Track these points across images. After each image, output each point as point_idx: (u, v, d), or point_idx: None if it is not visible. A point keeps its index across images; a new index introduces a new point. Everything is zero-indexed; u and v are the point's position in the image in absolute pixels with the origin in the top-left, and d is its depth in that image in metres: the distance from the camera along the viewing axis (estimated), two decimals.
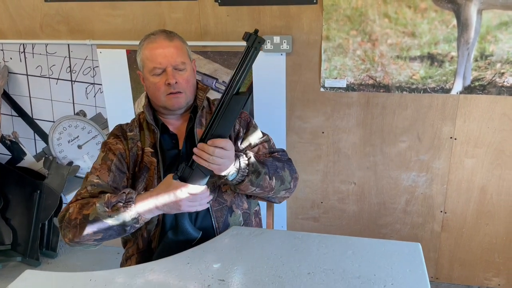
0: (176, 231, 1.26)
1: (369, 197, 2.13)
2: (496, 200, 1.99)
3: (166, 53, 1.27)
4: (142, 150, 1.33)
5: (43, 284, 1.09)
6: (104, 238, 1.19)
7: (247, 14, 1.94)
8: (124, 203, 1.15)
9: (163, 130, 1.34)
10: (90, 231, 1.16)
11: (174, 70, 1.28)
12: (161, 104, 1.32)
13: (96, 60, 2.19)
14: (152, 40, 1.30)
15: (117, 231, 1.18)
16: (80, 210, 1.19)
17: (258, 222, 1.48)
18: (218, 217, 1.33)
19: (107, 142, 1.35)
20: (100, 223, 1.15)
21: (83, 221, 1.17)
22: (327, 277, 1.04)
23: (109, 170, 1.28)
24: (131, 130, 1.36)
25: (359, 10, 1.81)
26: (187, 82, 1.30)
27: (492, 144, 1.91)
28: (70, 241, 1.20)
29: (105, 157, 1.31)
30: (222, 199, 1.34)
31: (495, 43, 1.75)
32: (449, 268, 2.17)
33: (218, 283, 1.04)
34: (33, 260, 2.43)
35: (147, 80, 1.31)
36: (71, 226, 1.18)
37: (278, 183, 1.28)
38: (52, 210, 2.44)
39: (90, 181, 1.26)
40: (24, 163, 2.54)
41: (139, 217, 1.16)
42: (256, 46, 1.08)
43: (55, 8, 2.14)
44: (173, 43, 1.29)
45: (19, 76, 2.35)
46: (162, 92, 1.28)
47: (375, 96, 1.95)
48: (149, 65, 1.28)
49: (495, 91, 1.82)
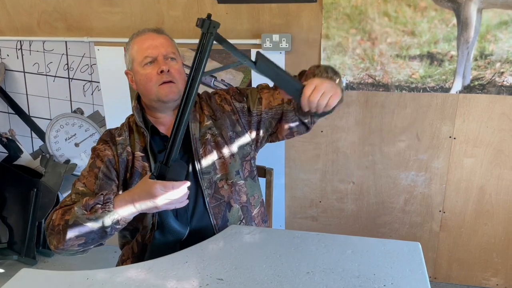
0: (163, 230, 1.23)
1: (367, 196, 2.13)
2: (495, 200, 1.99)
3: (156, 43, 1.25)
4: (133, 155, 1.29)
5: (39, 283, 1.07)
6: (87, 243, 1.16)
7: (246, 12, 1.93)
8: (102, 205, 1.13)
9: (152, 132, 1.31)
10: (72, 235, 1.14)
11: (165, 59, 1.25)
12: (154, 96, 1.27)
13: (93, 57, 2.18)
14: (140, 34, 1.29)
15: (98, 234, 1.15)
16: (62, 216, 1.17)
17: (263, 212, 1.44)
18: (216, 214, 1.31)
19: (96, 148, 1.32)
20: (80, 227, 1.13)
21: (64, 226, 1.15)
22: (326, 277, 1.03)
23: (96, 178, 1.26)
24: (120, 135, 1.33)
25: (358, 8, 1.81)
26: (179, 72, 1.28)
27: (491, 144, 1.90)
28: (55, 248, 1.18)
29: (93, 164, 1.28)
30: (219, 195, 1.31)
31: (495, 42, 1.74)
32: (447, 268, 2.17)
33: (217, 282, 1.03)
34: (29, 259, 2.42)
35: (138, 73, 1.28)
36: (55, 232, 1.17)
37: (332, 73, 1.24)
38: (49, 209, 2.42)
39: (75, 189, 1.25)
40: (20, 161, 2.53)
41: (119, 218, 1.13)
42: (212, 31, 1.06)
43: (53, 5, 2.13)
44: (162, 36, 1.29)
45: (16, 73, 2.33)
46: (154, 82, 1.25)
47: (374, 95, 1.94)
48: (139, 57, 1.26)
49: (494, 91, 1.81)
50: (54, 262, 2.49)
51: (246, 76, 2.02)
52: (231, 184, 1.33)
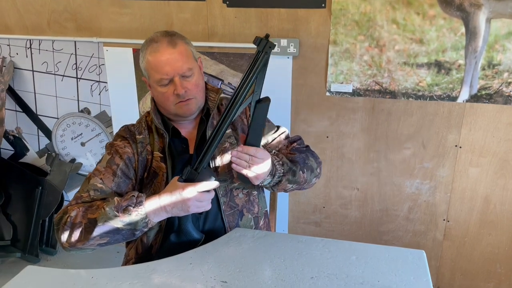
0: (180, 234, 1.24)
1: (371, 203, 2.12)
2: (500, 210, 1.98)
3: (171, 61, 1.21)
4: (152, 154, 1.28)
5: (44, 281, 1.08)
6: (108, 243, 1.16)
7: (255, 16, 1.94)
8: (134, 206, 1.12)
9: (173, 134, 1.30)
10: (97, 235, 1.12)
11: (181, 78, 1.22)
12: (172, 112, 1.27)
13: (102, 58, 2.19)
14: (155, 48, 1.22)
15: (125, 236, 1.14)
16: (84, 213, 1.15)
17: (267, 223, 1.46)
18: (230, 222, 1.31)
19: (114, 144, 1.29)
20: (109, 227, 1.12)
21: (89, 225, 1.13)
22: (330, 282, 1.03)
23: (114, 175, 1.24)
24: (140, 133, 1.31)
25: (367, 15, 1.81)
26: (196, 86, 1.26)
27: (497, 154, 1.90)
28: (70, 246, 1.15)
29: (111, 160, 1.25)
30: (233, 203, 1.32)
31: (503, 52, 1.74)
32: (450, 277, 2.16)
33: (221, 284, 1.03)
34: (32, 257, 2.42)
35: (154, 89, 1.26)
36: (75, 230, 1.14)
37: (309, 173, 1.29)
38: (53, 207, 2.43)
39: (93, 185, 1.21)
40: (26, 159, 2.54)
41: (148, 220, 1.13)
42: (267, 51, 1.06)
43: (63, 5, 2.15)
44: (177, 49, 1.22)
45: (24, 71, 2.35)
46: (171, 101, 1.24)
47: (381, 102, 1.94)
48: (155, 76, 1.22)
49: (501, 101, 1.81)
50: (57, 261, 2.49)
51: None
52: (247, 193, 1.34)
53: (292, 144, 1.39)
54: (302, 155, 1.32)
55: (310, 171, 1.31)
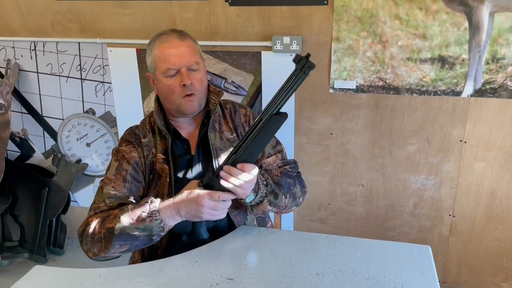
0: (193, 237, 1.25)
1: (377, 199, 2.12)
2: (506, 204, 1.97)
3: (180, 53, 1.23)
4: (155, 157, 1.29)
5: (52, 280, 1.09)
6: (130, 250, 1.16)
7: (257, 14, 1.94)
8: (149, 213, 1.12)
9: (174, 135, 1.31)
10: (116, 243, 1.13)
11: (188, 71, 1.24)
12: (175, 107, 1.28)
13: (106, 58, 2.20)
14: (163, 39, 1.24)
15: (143, 242, 1.15)
16: (102, 223, 1.15)
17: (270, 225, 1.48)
18: (239, 221, 1.32)
19: (120, 150, 1.30)
20: (127, 236, 1.12)
21: (107, 234, 1.13)
22: (336, 278, 1.04)
23: (125, 181, 1.24)
24: (145, 136, 1.31)
25: (370, 11, 1.81)
26: (200, 83, 1.27)
27: (502, 148, 1.89)
28: (94, 255, 1.17)
29: (119, 166, 1.26)
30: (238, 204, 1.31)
31: (507, 46, 1.73)
32: (456, 273, 2.15)
33: (227, 282, 1.04)
34: (40, 257, 2.44)
35: (160, 82, 1.26)
36: (95, 240, 1.15)
37: (290, 200, 1.29)
38: (60, 208, 2.45)
39: (107, 193, 1.22)
40: (33, 160, 2.56)
41: (164, 225, 1.13)
42: (305, 70, 1.03)
43: (66, 6, 2.16)
44: (185, 42, 1.25)
45: (29, 73, 2.36)
46: (177, 94, 1.24)
47: (385, 98, 1.94)
48: (162, 66, 1.23)
49: (506, 95, 1.80)
50: (64, 261, 2.51)
51: (256, 78, 2.03)
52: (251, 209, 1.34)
53: (285, 166, 1.38)
54: (290, 180, 1.31)
55: (292, 198, 1.30)
